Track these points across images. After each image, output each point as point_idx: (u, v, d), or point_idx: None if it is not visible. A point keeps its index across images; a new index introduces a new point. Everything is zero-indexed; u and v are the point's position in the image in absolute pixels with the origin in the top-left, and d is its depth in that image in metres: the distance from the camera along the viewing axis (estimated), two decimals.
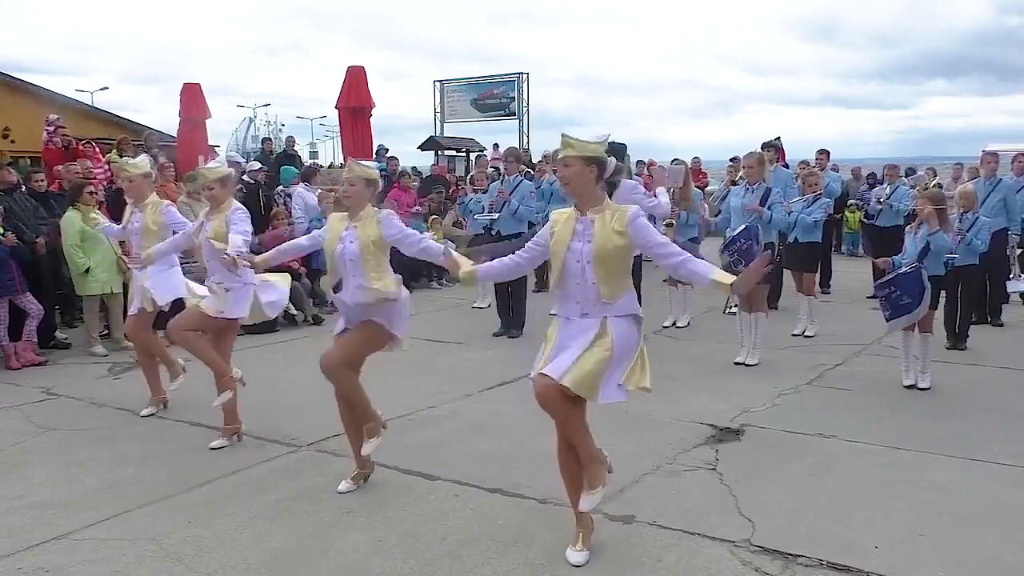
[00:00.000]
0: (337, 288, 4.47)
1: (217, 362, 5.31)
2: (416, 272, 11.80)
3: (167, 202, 6.23)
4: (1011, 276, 8.85)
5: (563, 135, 3.62)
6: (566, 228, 3.63)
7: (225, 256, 4.87)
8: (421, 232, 5.46)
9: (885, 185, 10.47)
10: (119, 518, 4.14)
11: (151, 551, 3.78)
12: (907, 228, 6.79)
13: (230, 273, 5.10)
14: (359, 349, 4.46)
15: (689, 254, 3.64)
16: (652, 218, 8.93)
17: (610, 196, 5.85)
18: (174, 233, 5.95)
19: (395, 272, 4.58)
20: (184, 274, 6.30)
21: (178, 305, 6.06)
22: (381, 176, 4.88)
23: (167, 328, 5.44)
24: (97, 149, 10.85)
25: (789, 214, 7.94)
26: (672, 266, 3.66)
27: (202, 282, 5.87)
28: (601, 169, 3.58)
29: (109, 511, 4.22)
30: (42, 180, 8.60)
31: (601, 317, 3.58)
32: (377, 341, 4.50)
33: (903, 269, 6.23)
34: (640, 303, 6.76)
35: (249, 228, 5.28)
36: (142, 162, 6.20)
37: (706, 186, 15.57)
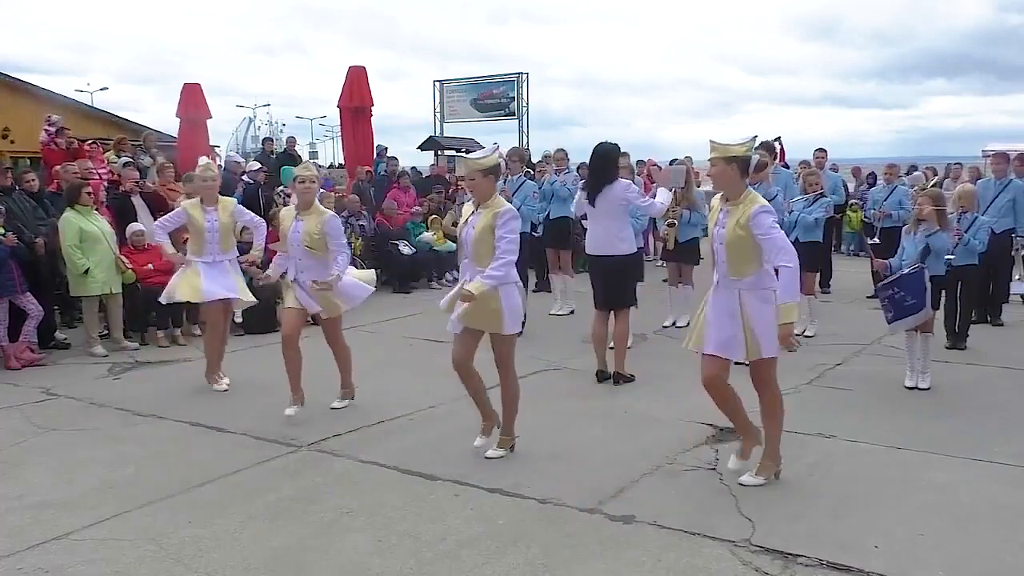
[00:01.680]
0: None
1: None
2: (415, 273, 11.80)
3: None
4: (1016, 277, 8.83)
5: (710, 140, 4.29)
6: (714, 215, 4.45)
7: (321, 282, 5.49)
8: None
9: (883, 185, 10.45)
10: (119, 518, 4.14)
11: (151, 551, 3.78)
12: (904, 228, 6.78)
13: (323, 272, 5.56)
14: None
15: (793, 266, 4.21)
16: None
17: (597, 194, 5.98)
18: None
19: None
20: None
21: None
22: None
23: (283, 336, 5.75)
24: (101, 150, 10.84)
25: (790, 213, 7.93)
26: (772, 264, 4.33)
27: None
28: (743, 166, 4.27)
29: (109, 511, 4.22)
30: (33, 180, 8.58)
31: (735, 291, 4.29)
32: None
33: (906, 270, 6.21)
34: (638, 303, 6.78)
35: (344, 242, 5.76)
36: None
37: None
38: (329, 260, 5.61)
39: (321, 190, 10.70)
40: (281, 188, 11.50)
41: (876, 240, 9.73)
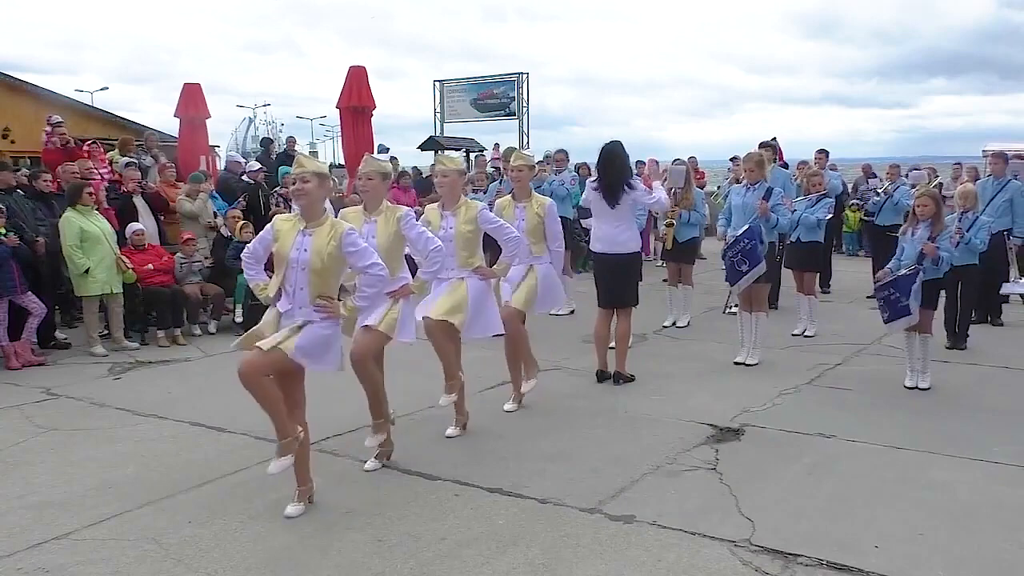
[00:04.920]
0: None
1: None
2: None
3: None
4: (1012, 278, 8.82)
5: (367, 157, 4.69)
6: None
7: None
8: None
9: (885, 183, 10.49)
10: (119, 518, 4.15)
11: (151, 551, 3.78)
12: (900, 230, 6.78)
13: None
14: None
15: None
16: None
17: (619, 194, 6.02)
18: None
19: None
20: None
21: None
22: None
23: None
24: (103, 149, 10.83)
25: (792, 212, 7.93)
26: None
27: None
28: (388, 179, 4.76)
29: (109, 511, 4.22)
30: (48, 180, 8.60)
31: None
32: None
33: (903, 272, 6.22)
34: (639, 302, 6.80)
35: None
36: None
37: (704, 186, 15.58)
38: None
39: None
40: (277, 189, 11.51)
41: (871, 216, 9.89)
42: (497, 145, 19.14)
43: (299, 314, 4.06)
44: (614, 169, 6.32)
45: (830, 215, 8.95)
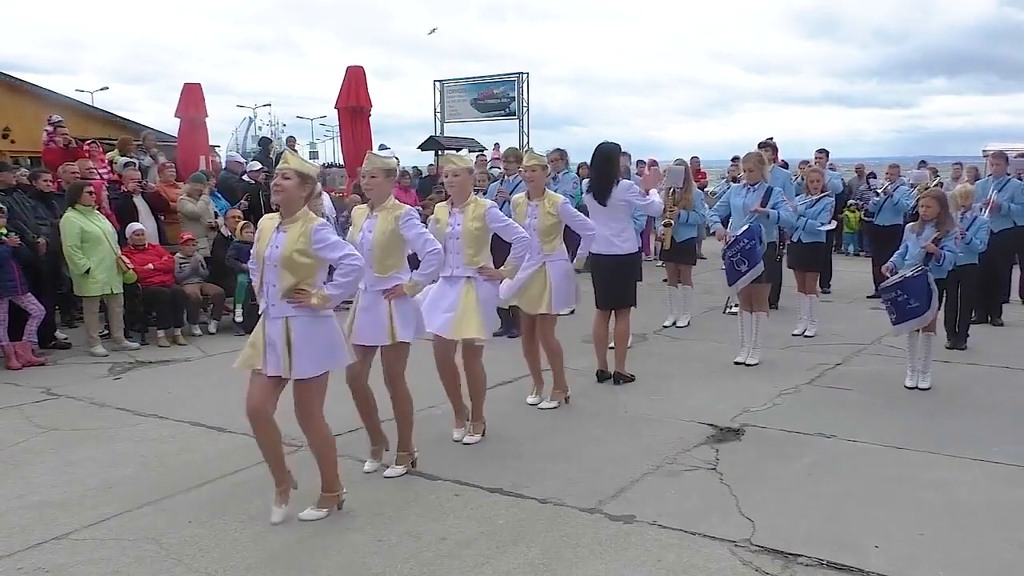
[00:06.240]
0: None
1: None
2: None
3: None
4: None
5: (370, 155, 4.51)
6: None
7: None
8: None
9: (885, 183, 10.50)
10: (119, 518, 4.15)
11: (151, 551, 3.78)
12: (908, 226, 6.77)
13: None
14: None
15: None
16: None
17: (607, 194, 6.02)
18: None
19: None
20: None
21: None
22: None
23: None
24: (102, 149, 10.83)
25: (798, 218, 7.93)
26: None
27: None
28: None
29: (109, 511, 4.22)
30: (48, 180, 8.60)
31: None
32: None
33: (909, 272, 6.19)
34: (638, 303, 6.79)
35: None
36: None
37: (705, 186, 15.58)
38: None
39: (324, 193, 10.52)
40: None
41: (871, 216, 9.96)
42: (497, 145, 19.15)
43: (273, 311, 3.97)
44: (607, 167, 6.37)
45: (833, 224, 8.97)
